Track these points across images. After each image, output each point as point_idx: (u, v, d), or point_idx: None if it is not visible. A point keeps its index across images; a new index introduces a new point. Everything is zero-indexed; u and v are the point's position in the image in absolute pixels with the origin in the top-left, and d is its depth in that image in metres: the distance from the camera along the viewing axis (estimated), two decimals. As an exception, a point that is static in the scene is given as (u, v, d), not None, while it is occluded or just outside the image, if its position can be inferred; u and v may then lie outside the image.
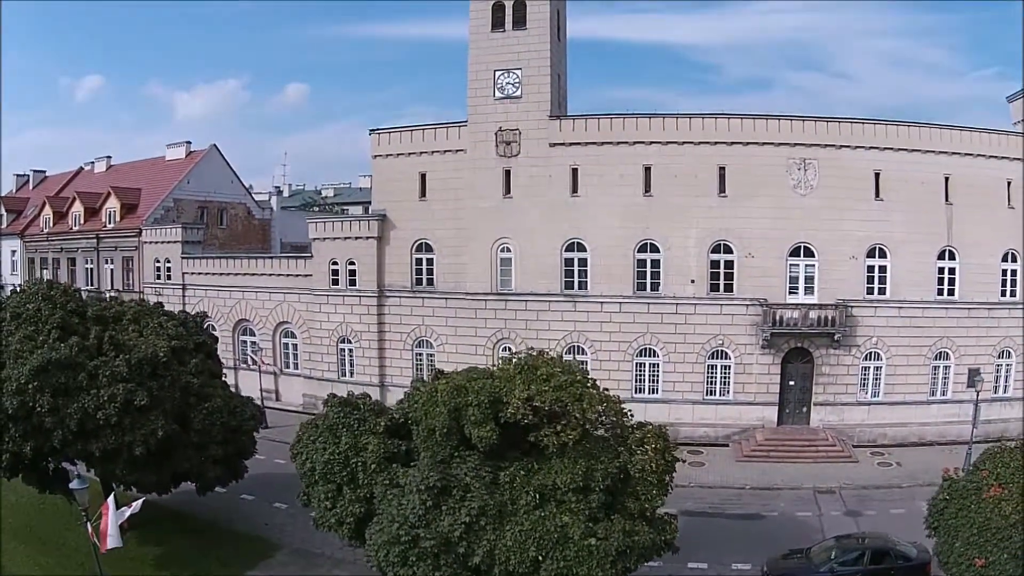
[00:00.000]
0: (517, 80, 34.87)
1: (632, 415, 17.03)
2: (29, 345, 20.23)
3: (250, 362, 40.15)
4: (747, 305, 32.98)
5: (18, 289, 24.79)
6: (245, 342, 42.38)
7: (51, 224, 54.04)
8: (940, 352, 33.63)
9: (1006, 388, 34.34)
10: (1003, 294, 34.00)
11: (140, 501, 18.23)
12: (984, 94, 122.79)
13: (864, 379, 33.51)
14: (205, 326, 26.52)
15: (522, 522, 14.85)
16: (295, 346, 41.10)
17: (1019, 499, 14.74)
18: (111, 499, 17.61)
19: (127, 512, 17.65)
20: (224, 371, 26.73)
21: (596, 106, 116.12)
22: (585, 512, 14.94)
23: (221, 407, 22.26)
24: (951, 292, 33.54)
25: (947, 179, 33.24)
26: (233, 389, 34.94)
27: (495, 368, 17.13)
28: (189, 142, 52.01)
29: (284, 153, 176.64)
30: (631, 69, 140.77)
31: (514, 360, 16.80)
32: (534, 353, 17.14)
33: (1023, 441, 16.80)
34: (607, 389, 16.74)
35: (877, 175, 32.88)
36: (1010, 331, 33.91)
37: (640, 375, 34.04)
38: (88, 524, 17.57)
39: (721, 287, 33.33)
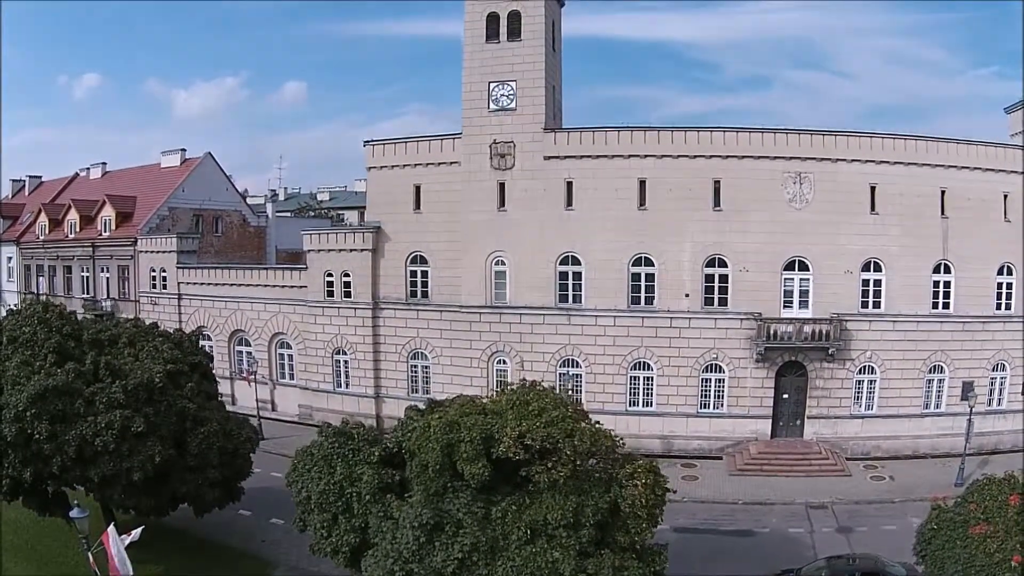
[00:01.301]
0: (512, 92, 34.77)
1: (624, 444, 17.16)
2: (26, 371, 20.41)
3: (245, 374, 40.22)
4: (741, 319, 33.06)
5: (14, 309, 24.92)
6: (240, 352, 42.46)
7: (47, 231, 54.14)
8: (934, 365, 33.73)
9: (1000, 401, 34.51)
10: (998, 307, 34.10)
11: (139, 529, 18.27)
12: (984, 92, 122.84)
13: (858, 392, 33.62)
14: (200, 339, 26.53)
15: (514, 557, 14.97)
16: (291, 357, 41.15)
17: (1004, 536, 14.91)
18: (112, 531, 17.71)
19: (126, 540, 17.77)
20: (220, 380, 26.73)
21: (594, 105, 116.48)
22: (575, 547, 15.06)
23: (217, 431, 22.35)
24: (946, 306, 33.61)
25: (943, 192, 33.29)
26: (229, 399, 35.35)
27: (487, 400, 17.25)
28: (184, 149, 52.00)
29: (280, 156, 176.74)
30: (630, 68, 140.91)
31: (506, 392, 16.93)
32: (527, 384, 17.31)
33: (1011, 473, 16.89)
34: (598, 422, 16.84)
35: (873, 188, 32.93)
36: (1005, 344, 34.05)
37: (634, 388, 34.12)
38: (89, 553, 17.72)
39: (715, 301, 33.40)
